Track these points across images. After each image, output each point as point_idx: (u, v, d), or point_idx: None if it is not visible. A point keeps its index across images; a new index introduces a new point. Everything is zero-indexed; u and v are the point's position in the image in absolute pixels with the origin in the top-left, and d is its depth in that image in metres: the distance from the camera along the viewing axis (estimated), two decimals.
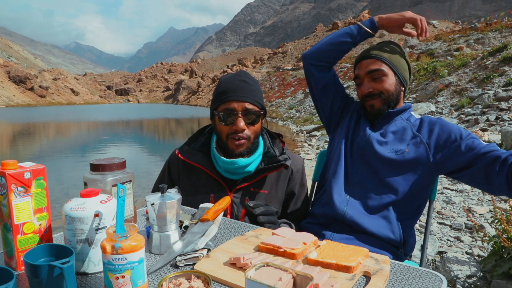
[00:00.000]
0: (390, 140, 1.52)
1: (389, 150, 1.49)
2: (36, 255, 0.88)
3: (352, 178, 1.54)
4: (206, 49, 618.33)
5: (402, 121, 1.57)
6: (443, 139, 1.44)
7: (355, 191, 1.51)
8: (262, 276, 0.75)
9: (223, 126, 1.47)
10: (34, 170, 0.96)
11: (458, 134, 1.43)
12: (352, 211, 1.47)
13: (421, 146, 1.46)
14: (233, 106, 1.44)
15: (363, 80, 1.59)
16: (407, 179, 1.46)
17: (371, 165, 1.52)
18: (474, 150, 1.36)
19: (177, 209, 1.08)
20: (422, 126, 1.52)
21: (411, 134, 1.51)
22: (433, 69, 14.77)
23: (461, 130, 1.45)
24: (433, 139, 1.46)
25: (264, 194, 1.53)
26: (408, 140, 1.50)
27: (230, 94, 1.45)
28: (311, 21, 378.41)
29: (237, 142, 1.46)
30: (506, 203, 4.01)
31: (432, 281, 0.91)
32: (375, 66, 1.55)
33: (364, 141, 1.56)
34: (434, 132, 1.47)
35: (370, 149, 1.53)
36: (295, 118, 21.96)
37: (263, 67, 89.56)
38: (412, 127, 1.53)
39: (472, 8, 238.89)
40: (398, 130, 1.54)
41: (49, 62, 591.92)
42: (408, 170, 1.46)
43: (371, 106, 1.58)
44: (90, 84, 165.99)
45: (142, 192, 6.17)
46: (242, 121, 1.44)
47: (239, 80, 1.48)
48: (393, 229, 1.45)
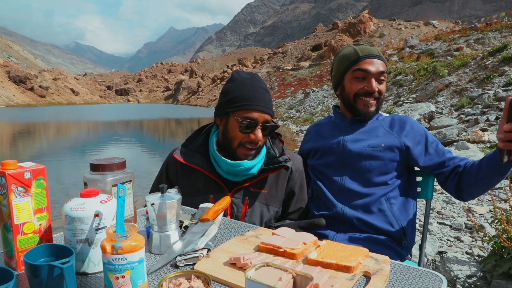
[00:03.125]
0: (364, 138, 1.59)
1: (366, 146, 1.56)
2: (36, 255, 0.88)
3: (339, 185, 1.58)
4: (206, 49, 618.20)
5: (373, 121, 1.65)
6: (414, 138, 1.58)
7: (346, 196, 1.56)
8: (262, 276, 0.75)
9: (240, 133, 1.44)
10: (34, 170, 0.96)
11: (424, 137, 1.58)
12: (349, 211, 1.52)
13: (395, 139, 1.56)
14: (255, 117, 1.42)
15: (370, 77, 1.58)
16: (389, 170, 1.55)
17: (352, 166, 1.58)
18: (437, 155, 1.55)
19: (177, 209, 1.07)
20: (394, 124, 1.62)
21: (383, 131, 1.60)
22: (433, 69, 14.77)
23: (427, 134, 1.59)
24: (406, 136, 1.57)
25: (264, 194, 1.53)
26: (381, 136, 1.58)
27: (254, 103, 1.43)
28: (311, 21, 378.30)
29: (249, 152, 1.46)
30: (506, 203, 4.00)
31: (432, 281, 0.91)
32: (384, 68, 1.59)
33: (339, 147, 1.61)
34: (406, 129, 1.59)
35: (347, 151, 1.59)
36: (295, 118, 21.96)
37: (263, 67, 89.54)
38: (384, 126, 1.62)
39: (472, 8, 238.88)
40: (371, 129, 1.62)
41: (49, 62, 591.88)
42: (388, 162, 1.55)
43: (366, 106, 1.59)
44: (90, 84, 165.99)
45: (142, 192, 6.17)
46: (261, 133, 1.44)
47: (261, 87, 1.47)
48: (391, 222, 1.50)
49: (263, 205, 1.52)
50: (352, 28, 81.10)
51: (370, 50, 1.61)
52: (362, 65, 1.58)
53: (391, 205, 1.53)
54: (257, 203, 1.52)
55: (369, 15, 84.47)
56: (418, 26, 72.06)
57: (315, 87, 28.13)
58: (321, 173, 1.66)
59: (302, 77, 37.37)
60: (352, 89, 1.61)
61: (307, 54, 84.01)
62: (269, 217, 1.53)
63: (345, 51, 1.67)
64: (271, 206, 1.53)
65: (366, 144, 1.57)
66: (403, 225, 1.51)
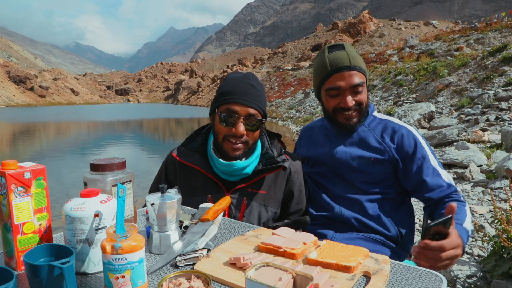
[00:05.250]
0: (353, 150, 1.55)
1: (355, 159, 1.53)
2: (36, 255, 0.88)
3: (334, 193, 1.58)
4: (206, 49, 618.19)
5: (363, 129, 1.59)
6: (402, 151, 1.51)
7: (340, 201, 1.55)
8: (262, 276, 0.75)
9: (222, 127, 1.45)
10: (34, 170, 0.96)
11: (415, 151, 1.50)
12: (347, 213, 1.52)
13: (384, 152, 1.51)
14: (236, 109, 1.42)
15: (344, 92, 1.50)
16: (380, 182, 1.52)
17: (343, 176, 1.57)
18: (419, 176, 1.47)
19: (177, 209, 1.07)
20: (385, 133, 1.56)
21: (374, 141, 1.55)
22: (433, 69, 14.77)
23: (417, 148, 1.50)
24: (394, 147, 1.52)
25: (262, 194, 1.53)
26: (371, 148, 1.53)
27: (236, 96, 1.43)
28: (311, 21, 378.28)
29: (234, 146, 1.45)
30: (506, 203, 4.00)
31: (432, 281, 0.91)
32: (358, 79, 1.49)
33: (329, 158, 1.59)
34: (395, 142, 1.53)
35: (337, 162, 1.56)
36: (295, 118, 21.95)
37: (263, 67, 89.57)
38: (375, 135, 1.56)
39: (472, 8, 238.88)
40: (361, 139, 1.57)
41: (49, 62, 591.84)
42: (378, 175, 1.52)
43: (347, 119, 1.54)
44: (90, 84, 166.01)
45: (142, 192, 6.15)
46: (243, 126, 1.43)
47: (247, 83, 1.46)
48: (387, 225, 1.49)
49: (261, 206, 1.52)
50: (352, 28, 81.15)
51: (339, 61, 1.49)
52: (333, 83, 1.50)
53: (385, 210, 1.51)
54: (255, 203, 1.51)
55: (369, 15, 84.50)
56: (418, 26, 72.06)
57: None
58: (315, 180, 1.66)
59: (302, 77, 37.36)
60: (329, 105, 1.56)
61: (307, 54, 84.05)
62: (267, 217, 1.53)
63: (317, 62, 1.59)
64: (269, 207, 1.53)
65: (355, 155, 1.54)
66: (399, 228, 1.51)
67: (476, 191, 4.70)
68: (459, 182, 5.16)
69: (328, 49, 1.57)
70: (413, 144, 1.51)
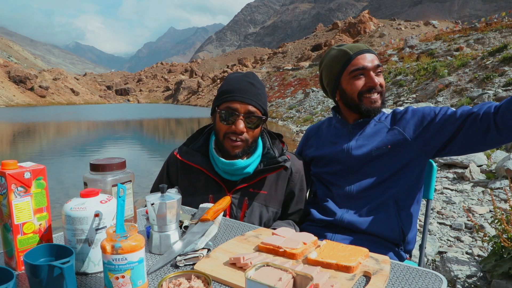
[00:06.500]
0: (369, 142, 1.54)
1: (371, 150, 1.51)
2: (36, 255, 0.88)
3: (347, 192, 1.54)
4: (206, 49, 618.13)
5: (376, 123, 1.58)
6: (418, 122, 1.48)
7: (352, 202, 1.53)
8: (262, 276, 0.75)
9: (223, 125, 1.46)
10: (34, 170, 0.96)
11: (432, 112, 1.46)
12: (350, 217, 1.50)
13: (399, 135, 1.49)
14: (236, 106, 1.43)
15: (369, 72, 1.52)
16: (398, 169, 1.49)
17: (359, 172, 1.53)
18: (452, 116, 1.39)
19: (177, 209, 1.07)
20: (395, 118, 1.55)
21: (387, 130, 1.54)
22: (433, 69, 14.78)
23: (433, 108, 1.48)
24: (410, 126, 1.49)
25: (263, 194, 1.53)
26: (385, 136, 1.52)
27: (235, 94, 1.44)
28: (311, 21, 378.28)
29: (233, 144, 1.45)
30: (506, 203, 4.00)
31: (432, 281, 0.91)
32: (378, 61, 1.54)
33: (344, 155, 1.57)
34: (407, 118, 1.51)
35: (353, 158, 1.54)
36: (295, 118, 21.96)
37: (263, 67, 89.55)
38: (386, 125, 1.56)
39: (472, 8, 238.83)
40: (374, 132, 1.56)
41: (49, 62, 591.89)
42: (396, 161, 1.49)
43: (373, 102, 1.53)
44: (90, 84, 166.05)
45: (142, 192, 6.17)
46: (242, 123, 1.44)
47: (247, 81, 1.47)
48: (392, 227, 1.47)
49: (262, 206, 1.52)
50: (352, 28, 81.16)
51: (358, 46, 1.55)
52: (357, 63, 1.51)
53: (399, 208, 1.49)
54: (256, 203, 1.51)
55: (369, 15, 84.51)
56: (418, 26, 72.06)
57: (315, 87, 28.12)
58: (327, 181, 1.62)
59: (302, 77, 37.38)
60: (354, 89, 1.53)
61: (307, 54, 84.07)
62: (268, 217, 1.53)
63: (332, 55, 1.59)
64: (270, 207, 1.53)
65: (371, 147, 1.52)
66: (404, 230, 1.49)
67: (476, 191, 4.70)
68: (459, 182, 5.16)
69: (336, 46, 1.62)
70: (421, 110, 1.51)
